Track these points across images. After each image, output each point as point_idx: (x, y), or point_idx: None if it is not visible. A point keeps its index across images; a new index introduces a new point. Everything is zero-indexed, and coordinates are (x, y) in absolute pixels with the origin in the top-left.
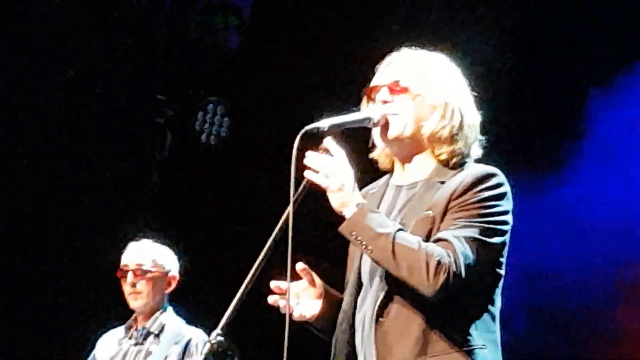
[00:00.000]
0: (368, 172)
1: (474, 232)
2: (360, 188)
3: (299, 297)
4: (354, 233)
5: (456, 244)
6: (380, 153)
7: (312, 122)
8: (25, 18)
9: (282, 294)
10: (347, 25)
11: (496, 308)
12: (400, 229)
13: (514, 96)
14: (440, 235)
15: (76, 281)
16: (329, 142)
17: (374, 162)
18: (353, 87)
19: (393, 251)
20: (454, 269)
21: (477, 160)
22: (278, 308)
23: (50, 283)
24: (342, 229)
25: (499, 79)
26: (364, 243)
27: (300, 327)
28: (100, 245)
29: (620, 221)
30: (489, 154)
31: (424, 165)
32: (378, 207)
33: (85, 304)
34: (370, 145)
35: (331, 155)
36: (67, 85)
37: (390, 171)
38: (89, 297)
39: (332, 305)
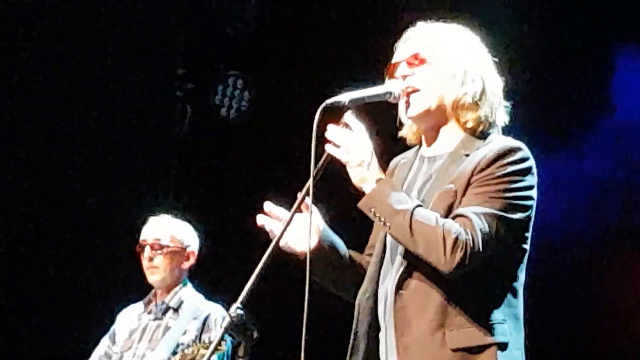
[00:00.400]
0: (393, 146)
1: (494, 208)
2: (390, 159)
3: (293, 226)
4: (372, 209)
5: (475, 220)
6: (408, 131)
7: (333, 95)
8: None
9: (275, 218)
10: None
11: (519, 283)
12: (418, 205)
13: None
14: (459, 211)
15: (97, 256)
16: (349, 117)
17: (401, 139)
18: (376, 60)
19: (410, 228)
20: (471, 246)
21: (504, 129)
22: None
23: (72, 259)
24: (361, 204)
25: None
26: (382, 219)
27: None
28: (122, 220)
29: None
30: (513, 122)
31: (451, 136)
32: (406, 178)
33: (106, 279)
34: (397, 123)
35: (351, 130)
36: (86, 60)
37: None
38: (110, 272)
39: (330, 248)
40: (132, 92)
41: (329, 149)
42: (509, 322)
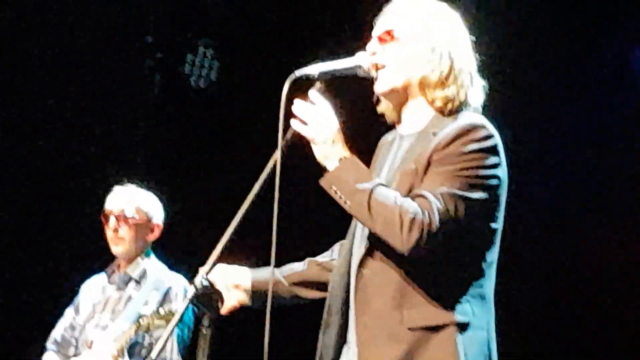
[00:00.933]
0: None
1: (453, 187)
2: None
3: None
4: (333, 187)
5: (432, 200)
6: (385, 107)
7: (303, 67)
8: None
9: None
10: None
11: (487, 263)
12: (379, 184)
13: None
14: (417, 191)
15: (61, 225)
16: (314, 93)
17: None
18: (347, 32)
19: (369, 207)
20: (428, 226)
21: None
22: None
23: (35, 226)
24: (323, 182)
25: None
26: (342, 198)
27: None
28: (89, 188)
29: None
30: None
31: (421, 114)
32: (387, 156)
33: (71, 248)
34: (375, 100)
35: (317, 106)
36: (55, 29)
37: (394, 126)
38: (75, 241)
39: (257, 292)
40: (101, 61)
41: (294, 124)
42: (473, 302)
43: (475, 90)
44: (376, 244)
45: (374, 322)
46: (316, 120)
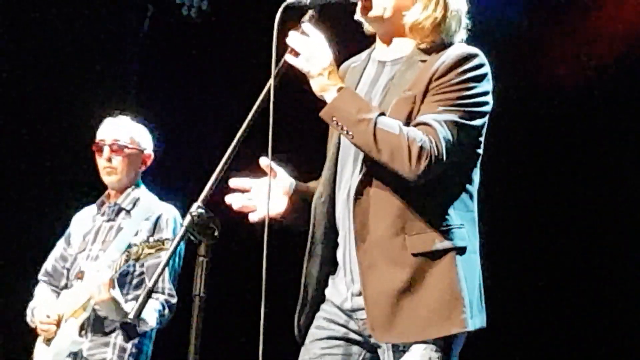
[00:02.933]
0: (350, 45)
1: (455, 115)
2: (343, 61)
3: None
4: (334, 118)
5: (438, 128)
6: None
7: None
8: None
9: (245, 191)
10: None
11: (474, 187)
12: (381, 114)
13: None
14: (421, 118)
15: (52, 156)
16: (307, 26)
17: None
18: None
19: (374, 136)
20: (436, 154)
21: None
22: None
23: (26, 158)
24: (323, 114)
25: None
26: (345, 128)
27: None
28: (81, 119)
29: None
30: None
31: (405, 44)
32: (359, 82)
33: (62, 179)
34: (358, 7)
35: (311, 37)
36: None
37: (374, 39)
38: (66, 172)
39: (300, 201)
40: None
41: (288, 58)
42: (467, 226)
43: (460, 32)
44: (374, 171)
45: (375, 248)
46: (311, 52)
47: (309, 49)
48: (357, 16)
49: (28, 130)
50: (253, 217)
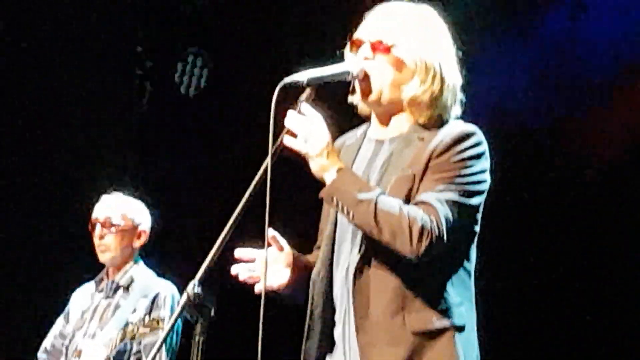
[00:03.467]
0: (345, 121)
1: (455, 195)
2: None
3: (266, 266)
4: (335, 198)
5: (439, 208)
6: (360, 102)
7: (292, 73)
8: None
9: (250, 261)
10: None
11: (471, 264)
12: (381, 193)
13: None
14: (422, 197)
15: (53, 234)
16: (305, 105)
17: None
18: (335, 39)
19: (375, 217)
20: (437, 233)
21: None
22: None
23: (26, 236)
24: (323, 194)
25: None
26: (345, 208)
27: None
28: (80, 197)
29: None
30: None
31: (402, 122)
32: (355, 160)
33: (62, 257)
34: (350, 89)
35: (308, 118)
36: (45, 39)
37: (368, 119)
38: (66, 250)
39: (301, 272)
40: (93, 70)
41: (286, 140)
42: (465, 304)
43: (456, 107)
44: (373, 250)
45: (374, 327)
46: (309, 133)
47: (306, 129)
48: (352, 99)
49: (29, 205)
50: (259, 287)
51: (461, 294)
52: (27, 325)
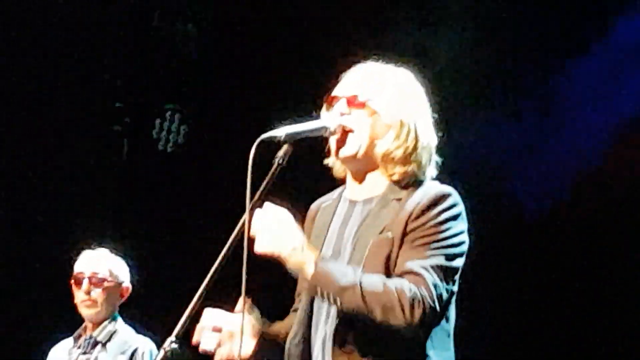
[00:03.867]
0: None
1: (438, 259)
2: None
3: (231, 336)
4: (318, 289)
5: (426, 276)
6: (335, 160)
7: (270, 129)
8: None
9: (216, 330)
10: (306, 36)
11: (450, 324)
12: (362, 275)
13: None
14: (407, 267)
15: (31, 290)
16: (270, 205)
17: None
18: (312, 95)
19: (363, 299)
20: (430, 303)
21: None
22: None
23: (3, 290)
24: (308, 290)
25: None
26: (331, 298)
27: None
28: (58, 252)
29: None
30: None
31: (378, 181)
32: (331, 221)
33: (40, 312)
34: (326, 150)
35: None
36: (23, 93)
37: (343, 181)
38: (43, 305)
39: (268, 344)
40: (70, 125)
41: (257, 248)
42: None
43: (431, 166)
44: (352, 320)
45: None
46: (280, 234)
47: (276, 232)
48: (328, 161)
49: (8, 258)
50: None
51: (441, 355)
52: None
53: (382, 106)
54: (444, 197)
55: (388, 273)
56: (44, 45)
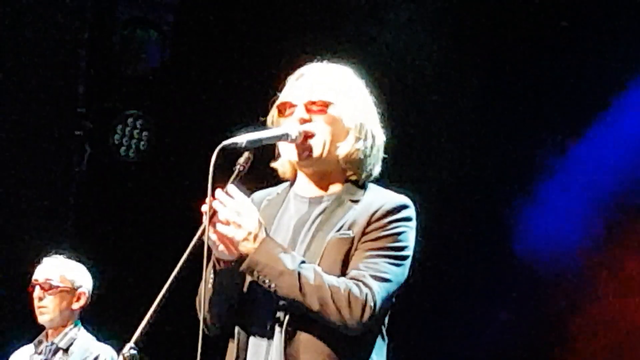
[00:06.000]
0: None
1: (386, 265)
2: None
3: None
4: (256, 271)
5: (370, 282)
6: (282, 163)
7: (231, 136)
8: None
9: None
10: (270, 40)
11: (385, 328)
12: (302, 262)
13: None
14: (355, 273)
15: None
16: (232, 188)
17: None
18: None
19: (300, 288)
20: (370, 305)
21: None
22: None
23: None
24: (243, 267)
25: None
26: (267, 280)
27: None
28: (17, 261)
29: None
30: None
31: (333, 181)
32: (277, 216)
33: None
34: (276, 155)
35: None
36: None
37: (291, 180)
38: (4, 312)
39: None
40: (31, 130)
41: (219, 229)
42: None
43: (379, 165)
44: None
45: None
46: (239, 219)
47: (234, 214)
48: (276, 164)
49: None
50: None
51: (379, 355)
52: None
53: (341, 111)
54: (403, 207)
55: (344, 271)
56: (5, 48)
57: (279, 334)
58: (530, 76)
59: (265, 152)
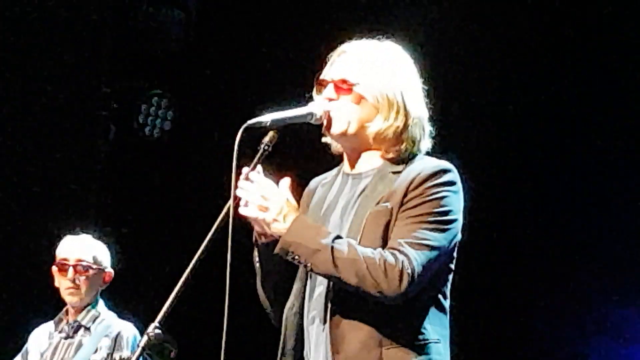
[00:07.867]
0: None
1: (427, 234)
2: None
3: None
4: (290, 251)
5: (408, 251)
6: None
7: (256, 115)
8: None
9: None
10: (295, 20)
11: (447, 301)
12: (337, 237)
13: None
14: (395, 242)
15: (8, 272)
16: (255, 175)
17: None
18: (300, 80)
19: (334, 264)
20: (408, 271)
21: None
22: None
23: None
24: (278, 250)
25: None
26: (302, 259)
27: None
28: (42, 237)
29: None
30: None
31: (372, 158)
32: (326, 197)
33: (22, 297)
34: (323, 131)
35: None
36: (8, 81)
37: (341, 158)
38: (25, 289)
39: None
40: (56, 110)
41: (244, 210)
42: (442, 342)
43: (425, 140)
44: (342, 295)
45: None
46: (267, 200)
47: (261, 195)
48: (325, 139)
49: None
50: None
51: (438, 332)
52: None
53: (368, 89)
54: (444, 171)
55: (385, 244)
56: (29, 29)
57: (323, 314)
58: None
59: None
